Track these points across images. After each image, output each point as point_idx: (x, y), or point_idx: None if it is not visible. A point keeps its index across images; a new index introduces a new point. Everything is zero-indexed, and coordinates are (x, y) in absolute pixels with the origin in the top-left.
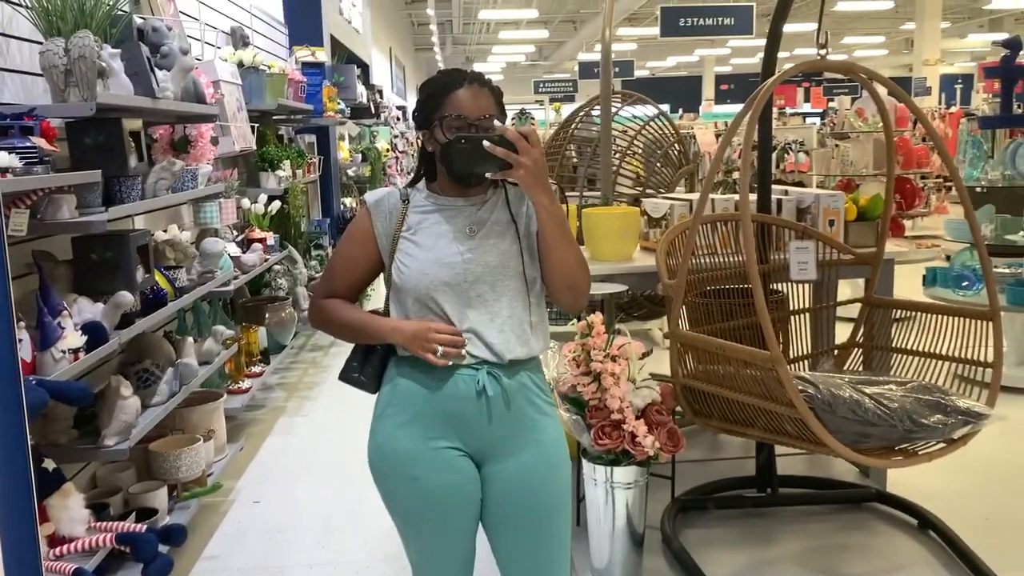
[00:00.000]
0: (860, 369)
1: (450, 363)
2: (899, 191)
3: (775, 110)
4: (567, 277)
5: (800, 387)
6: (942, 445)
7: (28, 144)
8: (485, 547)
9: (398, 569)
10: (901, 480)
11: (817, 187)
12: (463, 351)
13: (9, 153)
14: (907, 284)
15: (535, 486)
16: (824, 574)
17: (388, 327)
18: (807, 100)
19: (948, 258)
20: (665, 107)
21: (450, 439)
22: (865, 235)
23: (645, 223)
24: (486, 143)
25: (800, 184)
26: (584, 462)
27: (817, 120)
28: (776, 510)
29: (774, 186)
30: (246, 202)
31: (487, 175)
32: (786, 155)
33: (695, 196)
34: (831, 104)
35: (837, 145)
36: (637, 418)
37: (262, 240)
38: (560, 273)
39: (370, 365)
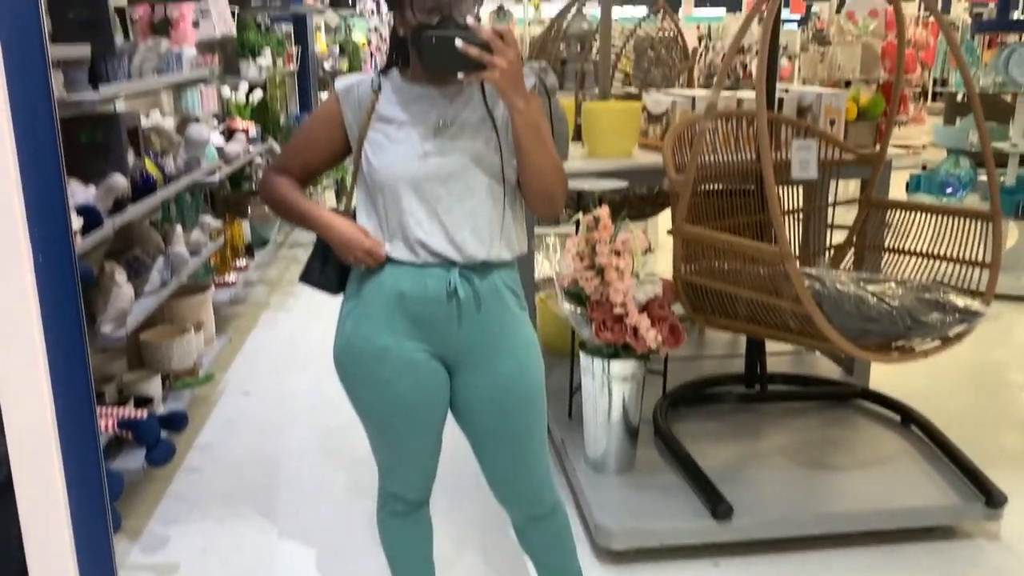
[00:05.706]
0: (854, 269)
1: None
2: (887, 97)
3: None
4: (543, 185)
5: (807, 283)
6: (938, 342)
7: None
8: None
9: None
10: (882, 380)
11: None
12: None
13: None
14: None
15: (510, 396)
16: (812, 466)
17: (323, 223)
18: (786, 5)
19: (924, 167)
20: (643, 9)
21: (419, 341)
22: (863, 135)
23: (644, 119)
24: (459, 42)
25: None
26: (581, 355)
27: (795, 25)
28: (764, 406)
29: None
30: (226, 90)
31: (459, 76)
32: None
33: (696, 92)
34: (812, 9)
35: (822, 51)
36: (639, 312)
37: (244, 130)
38: (536, 180)
39: (330, 265)
